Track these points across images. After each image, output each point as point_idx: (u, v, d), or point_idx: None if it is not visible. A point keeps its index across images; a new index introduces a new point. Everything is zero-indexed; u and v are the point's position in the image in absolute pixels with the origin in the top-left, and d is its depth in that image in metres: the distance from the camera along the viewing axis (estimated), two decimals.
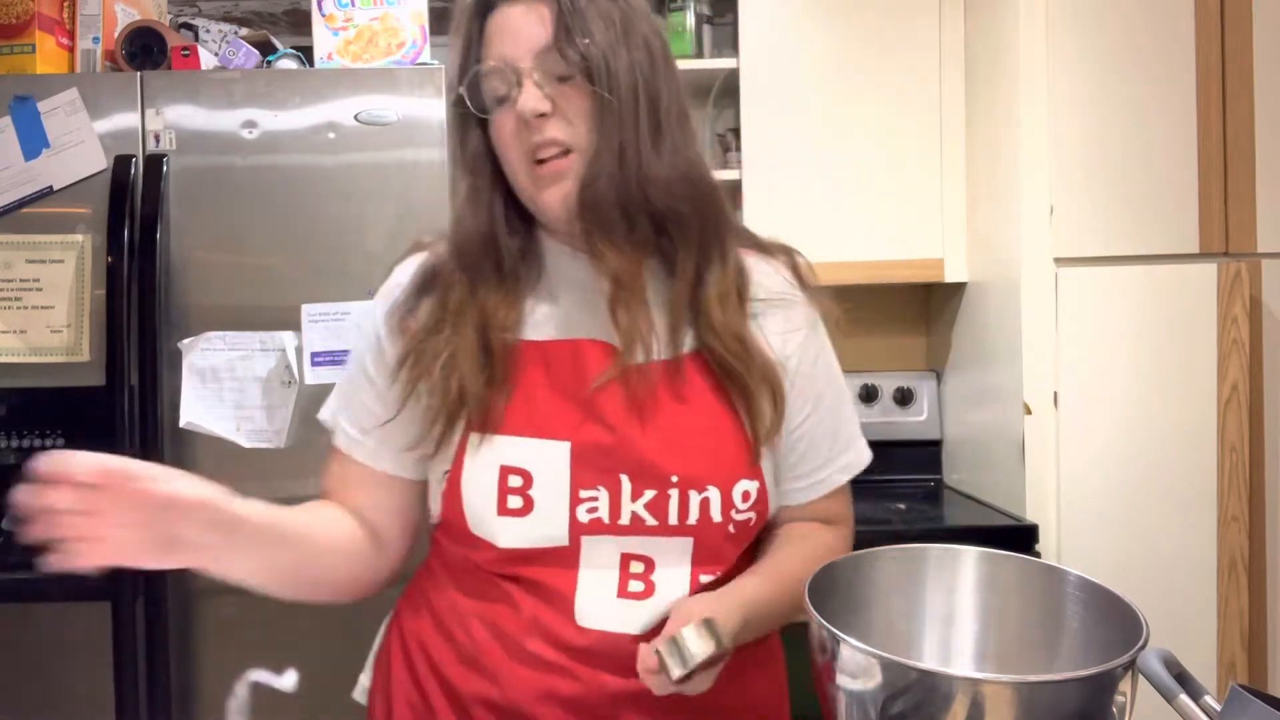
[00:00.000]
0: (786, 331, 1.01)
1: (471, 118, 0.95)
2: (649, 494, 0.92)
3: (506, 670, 0.95)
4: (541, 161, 0.92)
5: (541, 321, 0.98)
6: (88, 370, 1.84)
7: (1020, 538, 1.89)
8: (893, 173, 2.23)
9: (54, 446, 1.84)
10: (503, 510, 0.93)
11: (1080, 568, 0.85)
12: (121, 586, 1.79)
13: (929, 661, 0.87)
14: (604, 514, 0.93)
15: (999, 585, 0.88)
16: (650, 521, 0.93)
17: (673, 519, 0.93)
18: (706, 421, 0.95)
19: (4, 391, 1.84)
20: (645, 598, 0.94)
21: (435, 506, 0.99)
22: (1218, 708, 0.65)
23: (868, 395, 2.43)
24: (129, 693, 1.78)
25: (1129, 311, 1.91)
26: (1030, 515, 1.93)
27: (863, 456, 1.07)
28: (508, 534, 0.94)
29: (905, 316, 2.57)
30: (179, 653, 1.83)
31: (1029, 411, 1.93)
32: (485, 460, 0.94)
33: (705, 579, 0.95)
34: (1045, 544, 1.90)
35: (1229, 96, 1.91)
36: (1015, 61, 1.95)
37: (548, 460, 0.93)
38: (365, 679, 1.12)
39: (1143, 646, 0.71)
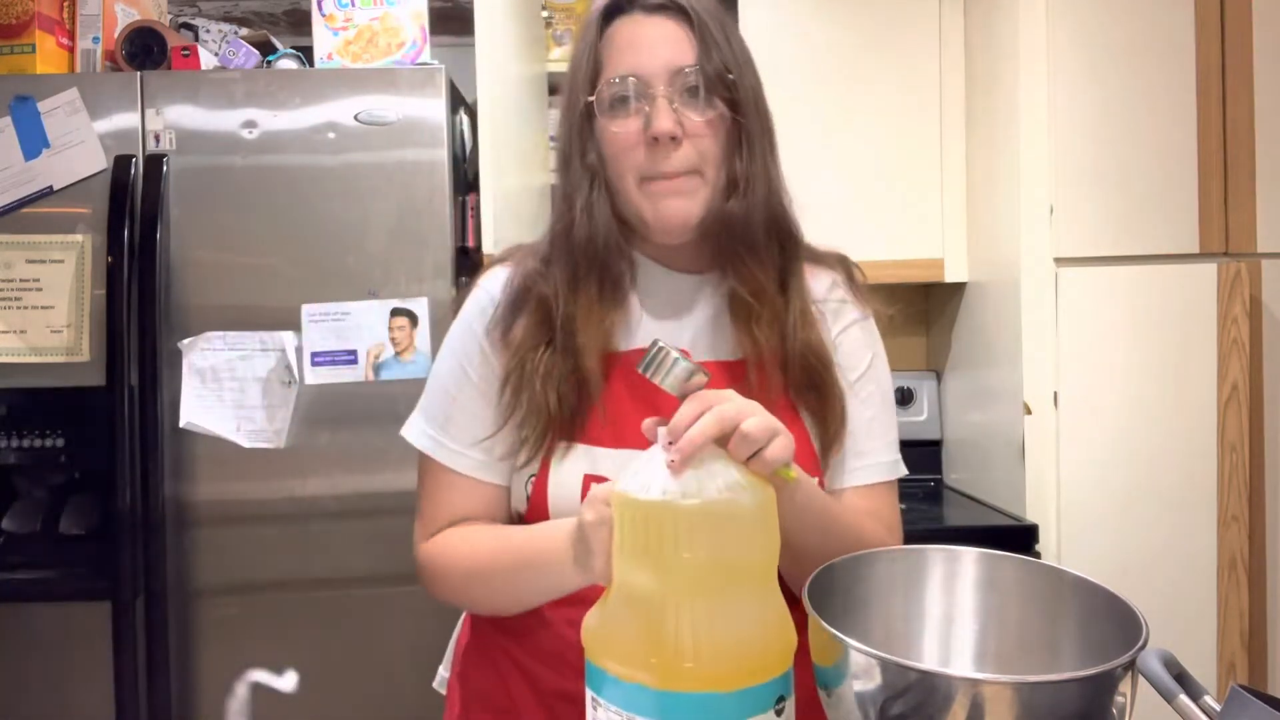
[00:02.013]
0: (838, 333, 1.06)
1: (590, 127, 0.96)
2: None
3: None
4: (654, 178, 0.94)
5: (626, 334, 1.00)
6: (88, 370, 1.84)
7: (1020, 538, 1.89)
8: (893, 173, 2.23)
9: (54, 446, 1.84)
10: None
11: (1080, 568, 0.85)
12: (121, 586, 1.79)
13: (929, 662, 0.87)
14: None
15: (999, 585, 0.88)
16: None
17: None
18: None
19: (4, 391, 1.84)
20: None
21: (520, 506, 1.01)
22: (1218, 708, 0.65)
23: None
24: (129, 693, 1.78)
25: (1129, 311, 1.91)
26: (1030, 515, 1.93)
27: (900, 468, 1.07)
28: None
29: (905, 316, 2.57)
30: (179, 653, 1.83)
31: (1029, 411, 1.93)
32: (570, 469, 0.97)
33: None
34: (1045, 544, 1.90)
35: (1229, 96, 1.92)
36: (1015, 61, 1.95)
37: (619, 467, 0.92)
38: (444, 670, 1.14)
39: (1143, 646, 0.71)
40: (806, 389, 1.00)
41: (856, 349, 1.07)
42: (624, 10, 0.97)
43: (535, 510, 0.99)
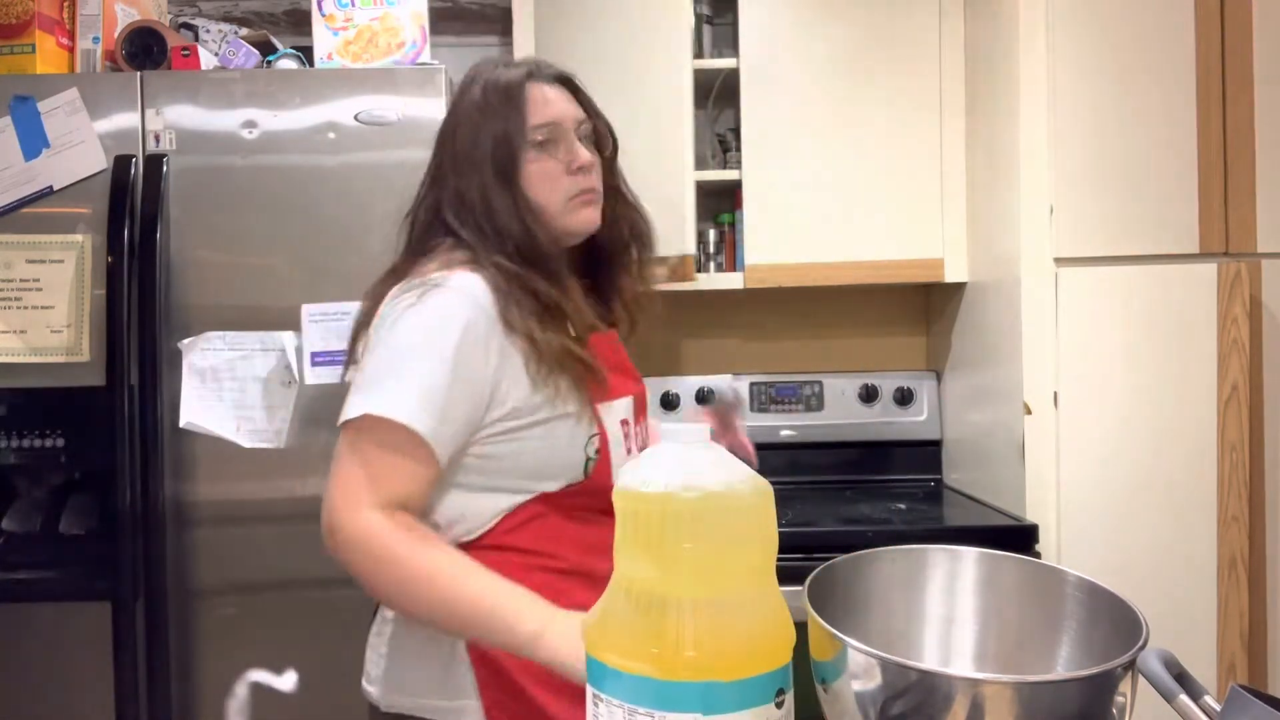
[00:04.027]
0: None
1: (518, 163, 1.20)
2: (636, 421, 1.30)
3: None
4: (577, 195, 1.22)
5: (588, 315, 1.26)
6: (88, 370, 1.84)
7: (1020, 538, 1.89)
8: (893, 172, 2.23)
9: (54, 446, 1.84)
10: (629, 453, 1.23)
11: (1080, 568, 0.85)
12: (121, 586, 1.79)
13: (929, 662, 0.87)
14: (634, 443, 1.26)
15: (999, 585, 0.88)
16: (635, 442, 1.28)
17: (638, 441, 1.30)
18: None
19: (4, 391, 1.84)
20: None
21: (573, 472, 1.16)
22: (1218, 708, 0.65)
23: (868, 395, 2.43)
24: (129, 693, 1.78)
25: (1129, 311, 1.91)
26: (1030, 515, 1.93)
27: None
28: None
29: (905, 316, 2.57)
30: (179, 653, 1.83)
31: (1029, 411, 1.93)
32: (613, 420, 1.22)
33: None
34: (1045, 544, 1.90)
35: (1229, 96, 1.92)
36: (1015, 61, 1.95)
37: (628, 411, 1.26)
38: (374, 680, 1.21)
39: (1143, 646, 0.71)
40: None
41: None
42: (534, 78, 1.24)
43: (602, 465, 1.17)
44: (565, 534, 1.17)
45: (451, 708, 1.14)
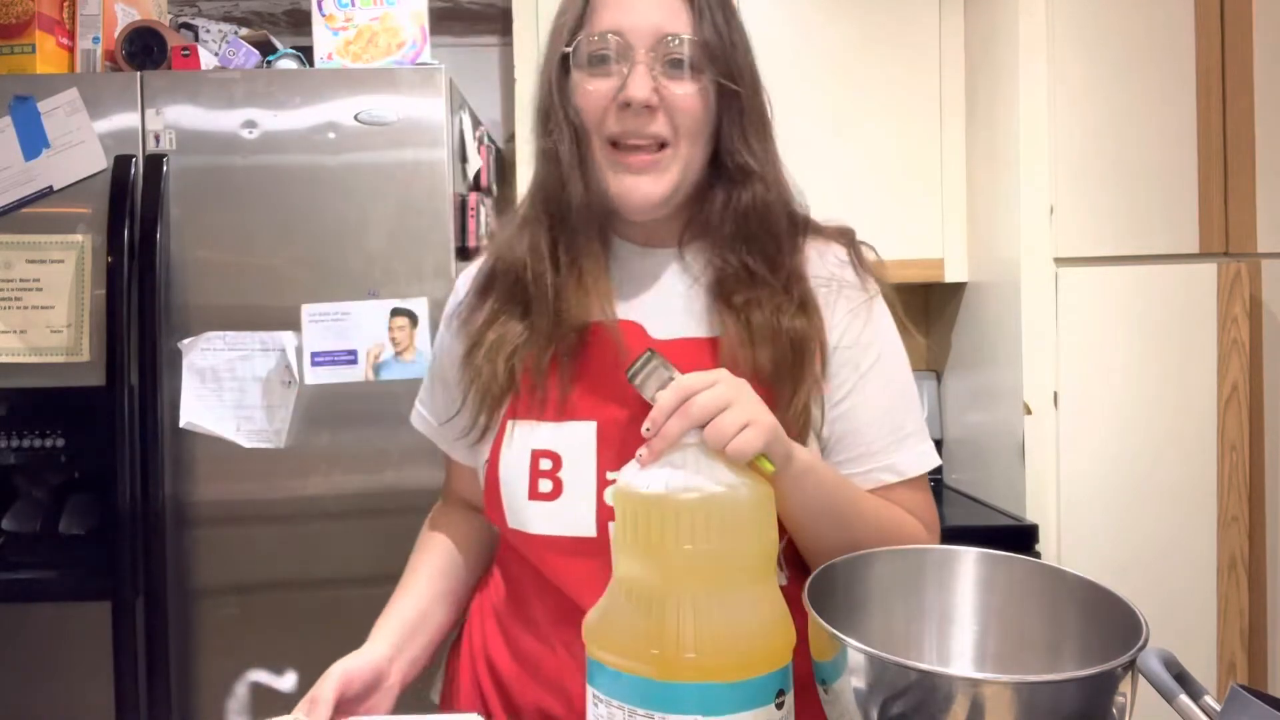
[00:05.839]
0: (841, 316, 0.99)
1: (567, 81, 0.91)
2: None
3: (569, 678, 0.92)
4: (626, 148, 0.89)
5: (591, 304, 0.94)
6: (88, 370, 1.84)
7: (1020, 538, 1.89)
8: (893, 172, 2.23)
9: (54, 446, 1.84)
10: (533, 494, 0.91)
11: (1080, 568, 0.85)
12: (121, 586, 1.79)
13: (929, 662, 0.87)
14: (585, 482, 0.91)
15: (999, 586, 0.88)
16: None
17: None
18: None
19: (4, 391, 1.84)
20: None
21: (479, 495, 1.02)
22: (1218, 708, 0.65)
23: None
24: (129, 693, 1.78)
25: (1129, 311, 1.91)
26: (1030, 515, 1.93)
27: (921, 461, 1.01)
28: (539, 520, 0.92)
29: (905, 316, 2.56)
30: (179, 653, 1.83)
31: (1029, 411, 1.93)
32: (519, 445, 0.93)
33: None
34: (1045, 544, 1.90)
35: (1229, 96, 1.91)
36: (1015, 61, 1.95)
37: (575, 441, 0.91)
38: (439, 680, 1.15)
39: (1143, 646, 0.71)
40: (775, 377, 0.91)
41: (861, 338, 0.99)
42: None
43: (489, 499, 0.96)
44: (521, 572, 0.99)
45: None
